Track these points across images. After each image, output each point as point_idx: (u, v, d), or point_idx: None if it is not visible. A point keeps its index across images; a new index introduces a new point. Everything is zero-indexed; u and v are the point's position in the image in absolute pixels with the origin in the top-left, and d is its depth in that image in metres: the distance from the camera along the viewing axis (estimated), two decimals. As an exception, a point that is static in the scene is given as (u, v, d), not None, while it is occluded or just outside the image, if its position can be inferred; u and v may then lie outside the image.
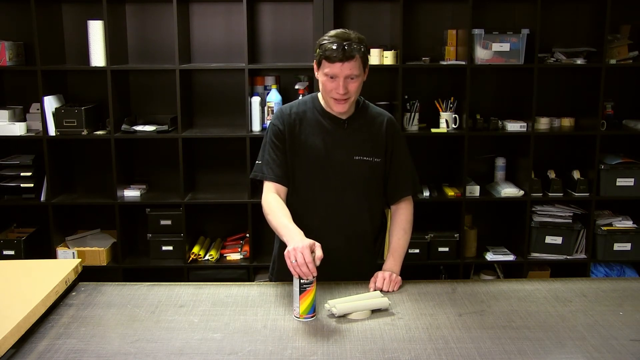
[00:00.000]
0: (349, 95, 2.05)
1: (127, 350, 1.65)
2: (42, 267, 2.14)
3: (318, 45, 2.05)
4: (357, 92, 2.08)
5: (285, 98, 3.58)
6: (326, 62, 2.01)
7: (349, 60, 1.98)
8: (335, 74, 2.01)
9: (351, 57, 1.98)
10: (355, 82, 2.04)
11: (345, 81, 2.02)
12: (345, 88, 2.02)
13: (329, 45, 1.99)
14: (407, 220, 2.23)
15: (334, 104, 2.09)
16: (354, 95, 2.08)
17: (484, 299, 1.98)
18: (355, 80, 2.03)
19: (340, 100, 2.06)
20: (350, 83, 2.03)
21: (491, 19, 3.66)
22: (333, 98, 2.06)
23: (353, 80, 2.03)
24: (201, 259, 3.68)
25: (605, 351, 1.65)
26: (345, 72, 2.00)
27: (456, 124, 3.61)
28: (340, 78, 2.01)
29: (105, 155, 3.60)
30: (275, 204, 2.05)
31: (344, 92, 2.02)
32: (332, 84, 2.03)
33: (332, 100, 2.08)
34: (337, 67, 1.99)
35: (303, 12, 3.73)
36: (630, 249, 3.65)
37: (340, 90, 2.02)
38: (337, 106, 2.08)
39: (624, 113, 3.80)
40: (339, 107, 2.08)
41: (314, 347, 1.67)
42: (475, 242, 3.75)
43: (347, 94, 2.04)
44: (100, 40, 3.47)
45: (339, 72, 2.00)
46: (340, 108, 2.08)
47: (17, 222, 3.82)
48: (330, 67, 2.00)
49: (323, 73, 2.04)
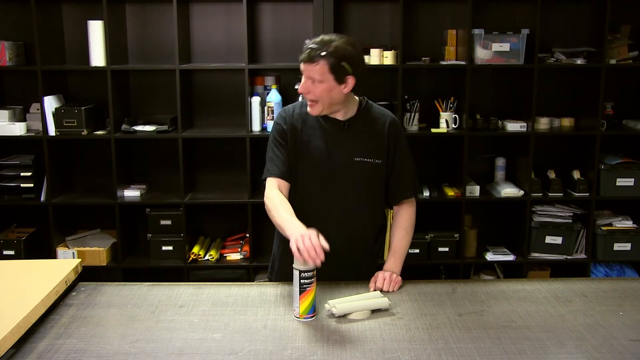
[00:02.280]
0: (313, 97, 2.05)
1: (127, 350, 1.65)
2: (42, 267, 2.14)
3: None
4: (325, 100, 2.05)
5: (285, 98, 3.58)
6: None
7: (310, 63, 2.00)
8: (302, 73, 2.05)
9: (311, 61, 2.00)
10: (317, 87, 2.02)
11: (307, 82, 2.04)
12: (307, 88, 2.04)
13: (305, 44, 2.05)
14: (409, 221, 2.24)
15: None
16: (322, 102, 2.06)
17: (484, 299, 1.98)
18: (317, 85, 2.02)
19: (309, 102, 2.07)
20: (313, 86, 2.03)
21: (491, 19, 3.66)
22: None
23: (317, 84, 2.02)
24: (201, 259, 3.68)
25: (605, 351, 1.65)
26: (308, 74, 2.03)
27: (456, 124, 3.61)
28: (304, 77, 2.05)
29: (105, 155, 3.60)
30: (278, 200, 2.05)
31: (302, 90, 2.05)
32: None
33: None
34: (302, 67, 2.04)
35: (303, 12, 3.73)
36: (630, 249, 3.65)
37: (301, 88, 2.05)
38: (309, 107, 2.09)
39: (624, 113, 3.80)
40: (309, 108, 2.09)
41: (314, 347, 1.67)
42: (475, 242, 3.75)
43: (309, 95, 2.05)
44: (100, 40, 3.47)
45: (303, 72, 2.04)
46: (310, 109, 2.09)
47: (17, 222, 3.82)
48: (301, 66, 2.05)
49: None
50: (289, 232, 1.89)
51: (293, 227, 1.89)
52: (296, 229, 1.86)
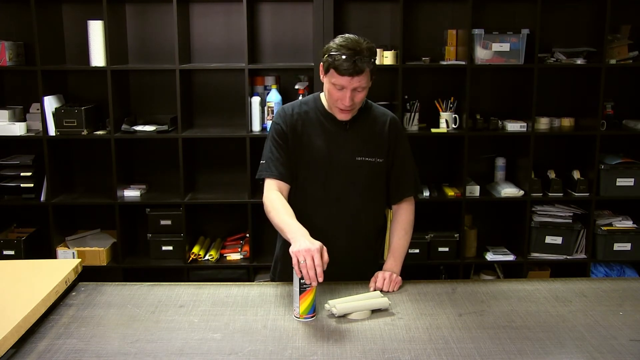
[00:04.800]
0: (355, 106, 2.06)
1: (127, 350, 1.65)
2: (42, 267, 2.14)
3: (327, 52, 2.00)
4: (362, 102, 2.09)
5: (285, 98, 3.58)
6: (335, 72, 1.97)
7: (359, 75, 1.96)
8: (343, 86, 1.99)
9: (361, 72, 1.96)
10: (362, 93, 2.03)
11: (353, 93, 2.00)
12: (352, 100, 2.01)
13: (339, 56, 1.95)
14: (408, 221, 2.23)
15: (338, 113, 2.09)
16: (359, 105, 2.08)
17: (484, 299, 1.98)
18: (362, 91, 2.02)
19: (345, 110, 2.06)
20: (357, 95, 2.02)
21: (491, 19, 3.66)
22: (338, 107, 2.06)
23: (360, 92, 2.02)
24: (201, 259, 3.68)
25: (605, 351, 1.65)
26: (354, 85, 1.98)
27: (456, 124, 3.61)
28: (347, 90, 1.99)
29: (105, 155, 3.60)
30: (277, 202, 2.04)
31: (350, 103, 2.01)
32: (338, 94, 2.02)
33: (336, 109, 2.08)
34: (345, 80, 1.97)
35: (303, 12, 3.73)
36: (630, 249, 3.65)
37: (347, 102, 2.01)
38: (341, 115, 2.08)
39: (624, 113, 3.80)
40: (342, 116, 2.09)
41: (314, 347, 1.67)
42: (475, 242, 3.75)
43: (352, 105, 2.04)
44: (100, 40, 3.47)
45: (347, 85, 1.98)
46: (344, 117, 2.09)
47: (17, 222, 3.82)
48: (338, 78, 1.98)
49: (330, 82, 2.02)
50: (290, 236, 1.88)
51: (294, 232, 1.88)
52: (297, 236, 1.85)
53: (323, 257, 1.79)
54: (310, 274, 1.76)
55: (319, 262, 1.76)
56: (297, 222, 1.93)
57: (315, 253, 1.76)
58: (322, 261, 1.77)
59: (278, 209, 2.01)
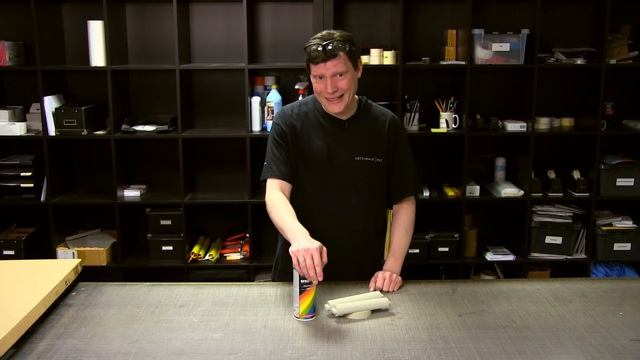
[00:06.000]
0: (341, 92, 2.05)
1: (127, 350, 1.65)
2: (42, 267, 2.14)
3: (305, 50, 2.05)
4: (351, 89, 2.07)
5: (285, 98, 3.58)
6: (312, 64, 2.03)
7: (332, 59, 1.99)
8: (322, 74, 2.02)
9: (333, 56, 1.99)
10: (343, 79, 2.03)
11: (333, 79, 2.02)
12: (334, 86, 2.02)
13: (312, 47, 2.01)
14: (408, 221, 2.23)
15: (328, 105, 2.09)
16: (348, 92, 2.06)
17: (484, 299, 1.98)
18: (343, 77, 2.03)
19: (333, 100, 2.06)
20: (339, 81, 2.03)
21: (491, 19, 3.66)
22: (326, 99, 2.07)
23: (341, 77, 2.03)
24: (201, 259, 3.68)
25: (605, 351, 1.65)
26: (331, 71, 2.01)
27: (456, 124, 3.61)
28: (327, 77, 2.02)
29: (105, 155, 3.60)
30: (279, 202, 2.04)
31: (332, 90, 2.03)
32: (321, 85, 2.05)
33: (325, 101, 2.08)
34: (321, 67, 2.01)
35: (303, 12, 3.73)
36: (630, 249, 3.65)
37: (329, 89, 2.02)
38: (332, 106, 2.08)
39: (624, 113, 3.80)
40: (333, 107, 2.08)
41: (314, 347, 1.67)
42: (475, 242, 3.75)
43: (337, 92, 2.04)
44: (100, 40, 3.47)
45: (324, 72, 2.01)
46: (336, 108, 2.08)
47: (17, 222, 3.82)
48: (315, 68, 2.02)
49: (312, 76, 2.06)
50: (290, 236, 1.88)
51: (295, 232, 1.88)
52: (298, 236, 1.85)
53: (322, 257, 1.79)
54: (310, 274, 1.76)
55: (318, 262, 1.77)
56: (298, 222, 1.94)
57: (314, 252, 1.77)
58: (321, 261, 1.78)
59: (279, 208, 2.01)
